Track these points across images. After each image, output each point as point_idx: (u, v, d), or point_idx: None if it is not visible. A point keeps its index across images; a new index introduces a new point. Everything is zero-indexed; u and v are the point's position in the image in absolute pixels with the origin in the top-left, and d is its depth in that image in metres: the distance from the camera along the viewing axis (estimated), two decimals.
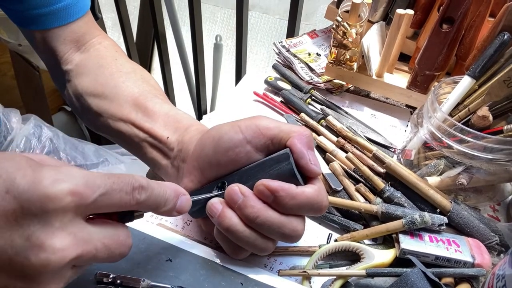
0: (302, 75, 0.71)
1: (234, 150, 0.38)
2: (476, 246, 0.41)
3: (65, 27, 0.50)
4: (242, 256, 0.39)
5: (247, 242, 0.37)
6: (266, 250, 0.38)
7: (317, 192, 0.36)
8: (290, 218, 0.37)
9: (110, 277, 0.35)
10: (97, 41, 0.53)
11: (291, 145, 0.37)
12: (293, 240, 0.38)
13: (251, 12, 1.51)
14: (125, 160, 1.22)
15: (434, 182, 0.49)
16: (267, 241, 0.38)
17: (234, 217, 0.36)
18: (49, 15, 0.48)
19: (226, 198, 0.37)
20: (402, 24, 0.61)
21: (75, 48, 0.52)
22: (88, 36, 0.53)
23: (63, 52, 0.52)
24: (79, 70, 0.52)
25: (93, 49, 0.53)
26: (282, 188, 0.35)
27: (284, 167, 0.36)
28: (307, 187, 0.36)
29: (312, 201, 0.36)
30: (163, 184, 0.32)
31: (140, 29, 1.70)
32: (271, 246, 0.38)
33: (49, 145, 1.10)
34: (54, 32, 0.50)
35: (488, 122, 0.45)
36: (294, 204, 0.36)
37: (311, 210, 0.37)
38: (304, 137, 0.37)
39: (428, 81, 0.61)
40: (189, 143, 0.42)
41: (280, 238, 0.38)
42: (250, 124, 0.38)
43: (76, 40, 0.52)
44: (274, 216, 0.36)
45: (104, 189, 0.28)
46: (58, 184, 0.26)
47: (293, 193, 0.35)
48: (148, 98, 0.47)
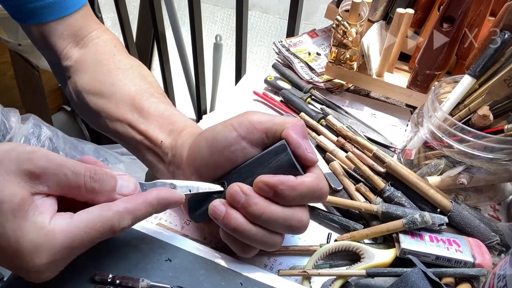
0: (302, 75, 0.71)
1: (229, 148, 0.37)
2: (477, 246, 0.41)
3: (62, 21, 0.50)
4: (252, 254, 0.39)
5: (255, 239, 0.37)
6: (275, 245, 0.38)
7: (317, 180, 0.36)
8: (294, 210, 0.37)
9: (109, 277, 0.35)
10: (96, 35, 0.53)
11: (287, 136, 0.36)
12: (300, 231, 0.38)
13: (251, 12, 1.51)
14: (125, 159, 1.22)
15: (435, 181, 0.49)
16: (275, 236, 0.37)
17: (239, 217, 0.36)
18: (44, 8, 0.48)
19: (228, 199, 0.37)
20: (402, 23, 0.61)
21: (74, 42, 0.52)
22: (86, 30, 0.52)
23: (62, 48, 0.51)
24: (78, 66, 0.51)
25: (91, 43, 0.52)
26: (281, 182, 0.35)
27: (282, 159, 0.36)
28: (306, 176, 0.36)
29: (313, 190, 0.36)
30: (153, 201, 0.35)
31: (140, 29, 1.70)
32: (280, 240, 0.38)
33: (49, 144, 1.10)
34: (50, 26, 0.50)
35: (488, 122, 0.45)
36: (295, 195, 0.36)
37: (313, 198, 0.37)
38: (298, 127, 0.37)
39: (429, 80, 0.61)
40: (181, 148, 0.42)
41: (287, 231, 0.38)
42: (243, 120, 0.38)
43: (74, 34, 0.51)
44: (278, 210, 0.36)
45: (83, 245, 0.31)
46: (37, 259, 0.29)
47: (293, 185, 0.35)
48: (144, 97, 0.47)
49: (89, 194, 0.32)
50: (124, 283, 0.35)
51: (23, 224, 0.29)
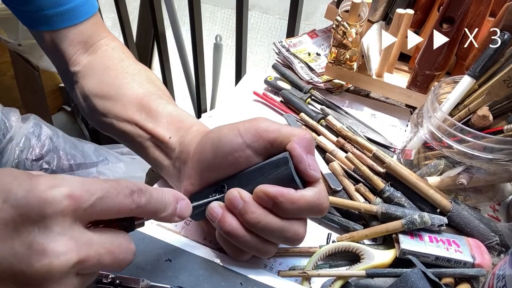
0: (302, 75, 0.71)
1: (233, 154, 0.37)
2: (476, 246, 0.41)
3: (73, 28, 0.51)
4: (244, 258, 0.39)
5: (248, 246, 0.37)
6: (267, 253, 0.38)
7: (317, 195, 0.36)
8: (291, 222, 0.36)
9: (109, 277, 0.35)
10: (105, 43, 0.54)
11: (291, 149, 0.36)
12: (295, 243, 0.38)
13: (251, 12, 1.51)
14: (125, 159, 1.22)
15: (434, 182, 0.49)
16: (268, 245, 0.38)
17: (235, 222, 0.36)
18: (56, 16, 0.49)
19: (226, 203, 0.37)
20: (402, 24, 0.61)
21: (83, 49, 0.53)
22: (96, 38, 0.53)
23: (71, 54, 0.52)
24: (86, 71, 0.52)
25: (100, 50, 0.53)
26: (281, 194, 0.35)
27: (283, 172, 0.36)
28: (307, 191, 0.36)
29: (312, 205, 0.36)
30: (161, 189, 0.32)
31: (140, 29, 1.70)
32: (273, 249, 0.38)
33: (49, 143, 1.10)
34: (61, 33, 0.50)
35: (488, 122, 0.45)
36: (294, 208, 0.35)
37: (312, 213, 0.37)
38: (304, 141, 0.36)
39: (428, 80, 0.61)
40: (189, 145, 0.42)
41: (282, 242, 0.38)
42: (249, 127, 0.37)
43: (84, 41, 0.52)
44: (275, 221, 0.36)
45: (101, 192, 0.27)
46: (54, 189, 0.26)
47: (293, 198, 0.35)
48: (152, 99, 0.48)
49: None
50: (124, 283, 0.35)
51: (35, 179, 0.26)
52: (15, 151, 1.05)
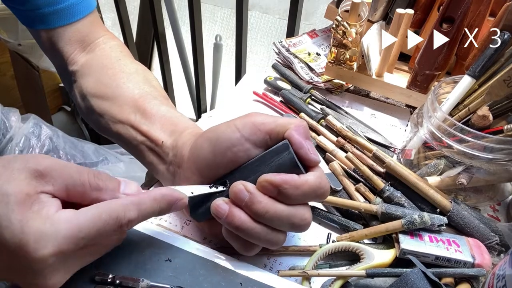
0: (302, 75, 0.71)
1: (232, 149, 0.38)
2: (476, 246, 0.41)
3: (70, 27, 0.51)
4: (254, 252, 0.39)
5: (258, 237, 0.37)
6: (278, 243, 0.38)
7: (319, 179, 0.37)
8: (297, 208, 0.37)
9: (109, 277, 0.35)
10: (103, 41, 0.54)
11: (289, 136, 0.37)
12: (303, 228, 0.38)
13: (251, 12, 1.51)
14: (125, 159, 1.22)
15: (434, 182, 0.49)
16: (278, 234, 0.38)
17: (243, 215, 0.36)
18: (53, 14, 0.49)
19: (232, 197, 0.37)
20: (402, 23, 0.61)
21: (81, 48, 0.52)
22: (93, 36, 0.53)
23: (69, 53, 0.52)
24: (84, 70, 0.52)
25: (98, 49, 0.53)
26: (285, 181, 0.36)
27: (284, 157, 0.37)
28: (309, 175, 0.37)
29: (315, 188, 0.36)
30: (157, 196, 0.35)
31: (140, 29, 1.70)
32: (283, 238, 0.39)
33: (49, 143, 1.10)
34: (58, 32, 0.50)
35: (488, 122, 0.45)
36: (299, 194, 0.36)
37: (316, 197, 0.37)
38: (301, 128, 0.37)
39: (428, 80, 0.61)
40: (182, 148, 0.42)
41: (291, 229, 0.38)
42: (246, 122, 0.38)
43: (81, 40, 0.52)
44: (282, 208, 0.36)
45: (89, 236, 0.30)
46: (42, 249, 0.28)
47: (296, 184, 0.36)
48: (147, 100, 0.48)
49: (93, 192, 0.33)
50: (124, 283, 0.35)
51: (29, 214, 0.29)
52: (15, 151, 1.05)
